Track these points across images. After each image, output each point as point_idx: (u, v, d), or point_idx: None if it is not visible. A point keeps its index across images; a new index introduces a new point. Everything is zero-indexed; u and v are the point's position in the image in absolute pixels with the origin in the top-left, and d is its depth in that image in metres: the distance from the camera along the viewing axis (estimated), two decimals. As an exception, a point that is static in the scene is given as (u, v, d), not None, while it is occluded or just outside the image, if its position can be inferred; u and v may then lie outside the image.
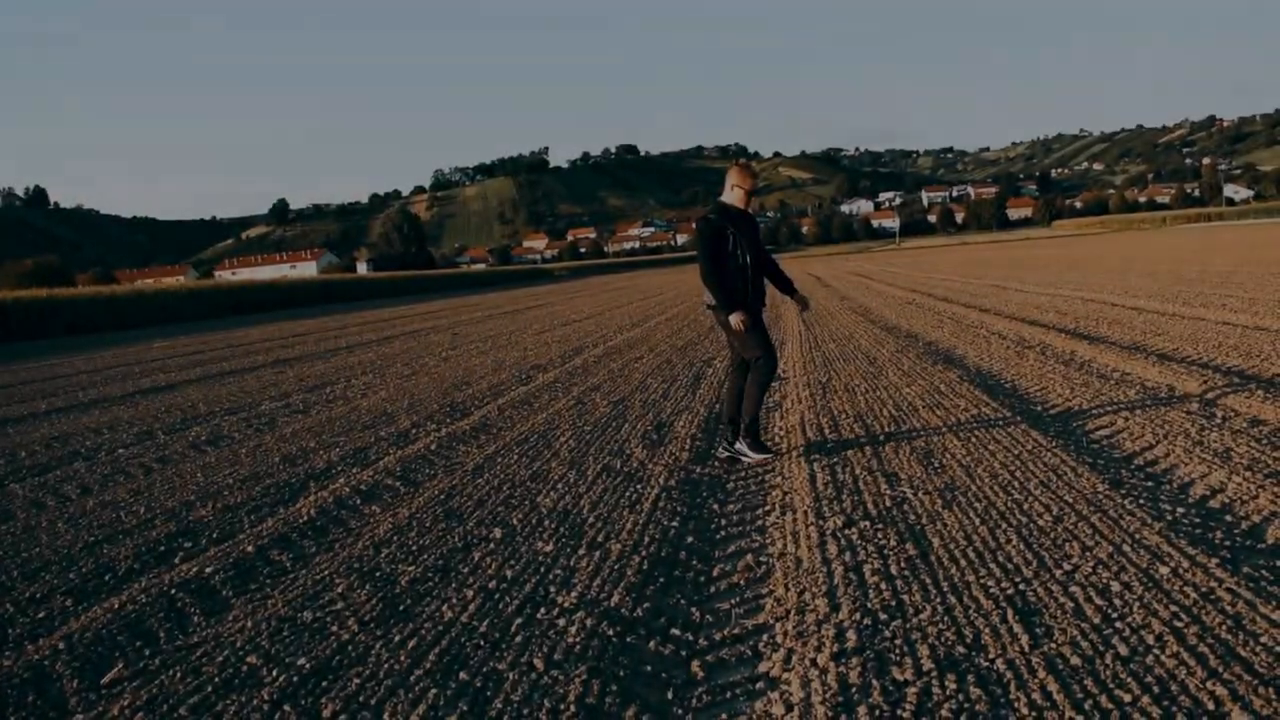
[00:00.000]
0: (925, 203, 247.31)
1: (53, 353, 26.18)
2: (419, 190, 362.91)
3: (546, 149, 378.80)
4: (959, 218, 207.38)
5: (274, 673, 3.54)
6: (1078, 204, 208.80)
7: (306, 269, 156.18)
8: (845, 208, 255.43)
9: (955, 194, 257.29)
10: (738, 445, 6.46)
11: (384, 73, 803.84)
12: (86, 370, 19.14)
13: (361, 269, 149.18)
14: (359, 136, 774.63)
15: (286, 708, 3.26)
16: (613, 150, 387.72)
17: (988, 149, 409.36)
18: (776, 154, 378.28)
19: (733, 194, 6.55)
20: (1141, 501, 4.80)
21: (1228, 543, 4.15)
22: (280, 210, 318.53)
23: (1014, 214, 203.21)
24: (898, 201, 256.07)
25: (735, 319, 6.29)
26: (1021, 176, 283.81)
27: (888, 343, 12.98)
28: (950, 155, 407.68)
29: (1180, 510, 4.62)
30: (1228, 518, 4.51)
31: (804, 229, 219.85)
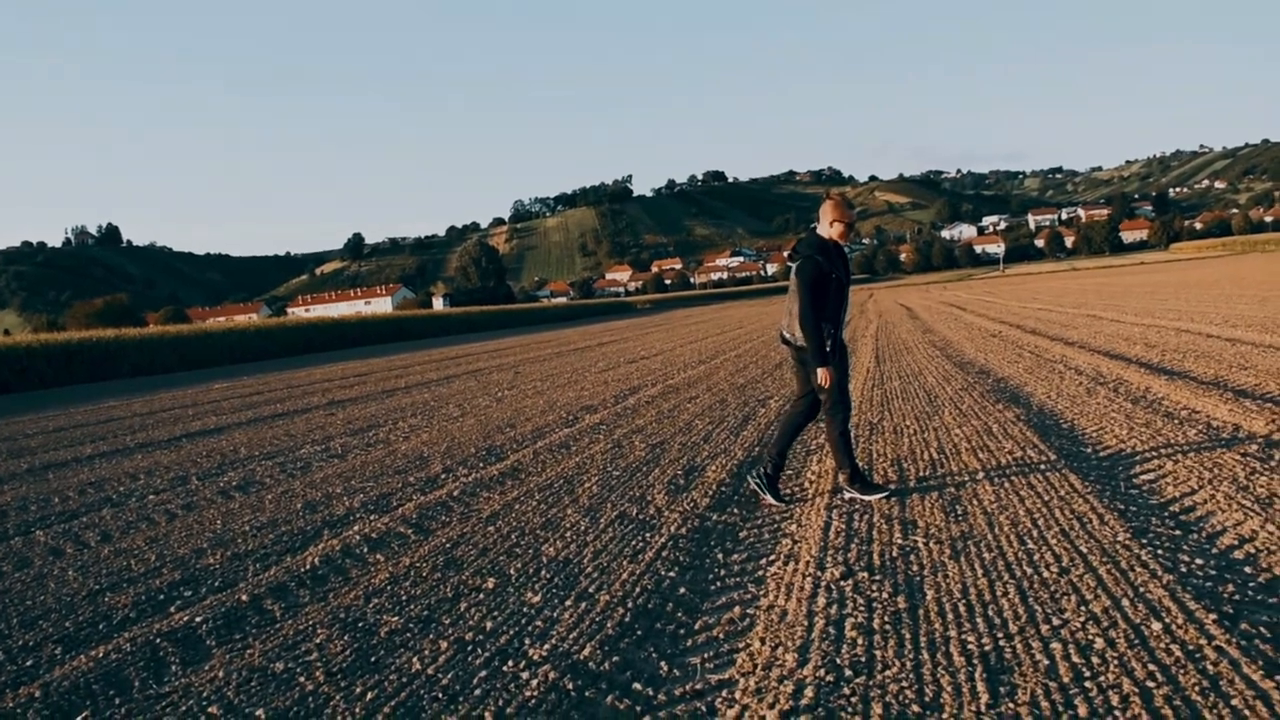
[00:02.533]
0: (1032, 226, 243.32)
1: (114, 394, 27.31)
2: (498, 222, 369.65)
3: (630, 177, 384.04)
4: (1069, 242, 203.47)
5: (231, 722, 3.76)
6: (1197, 225, 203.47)
7: (381, 305, 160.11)
8: (946, 233, 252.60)
9: (1064, 216, 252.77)
10: (845, 491, 6.59)
11: (462, 102, 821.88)
12: (142, 413, 19.94)
13: (438, 304, 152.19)
14: (436, 168, 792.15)
15: (234, 758, 3.47)
16: (699, 177, 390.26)
17: (1099, 168, 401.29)
18: (872, 178, 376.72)
19: (831, 229, 6.54)
20: (1160, 552, 4.77)
21: (1236, 597, 4.12)
22: (355, 245, 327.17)
23: (1128, 237, 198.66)
24: (1002, 226, 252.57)
25: (824, 374, 6.40)
26: (1136, 197, 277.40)
27: (955, 380, 12.91)
28: (1059, 175, 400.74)
29: (1199, 562, 4.59)
30: (1247, 569, 4.47)
31: (902, 256, 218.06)
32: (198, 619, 5.12)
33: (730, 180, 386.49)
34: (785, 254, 6.90)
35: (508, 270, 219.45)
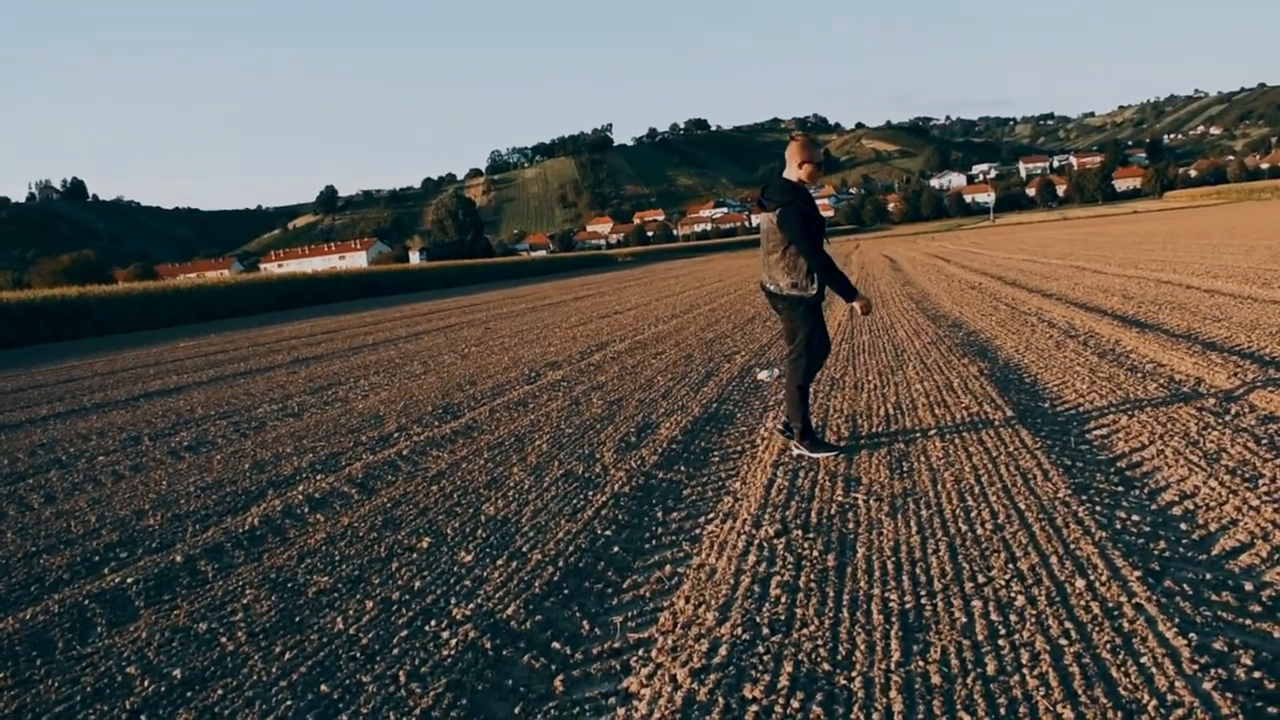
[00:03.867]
0: (1023, 175, 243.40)
1: (78, 354, 27.17)
2: (475, 173, 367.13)
3: (610, 126, 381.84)
4: (1061, 190, 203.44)
5: (146, 683, 3.81)
6: (1192, 173, 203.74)
7: (356, 259, 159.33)
8: (935, 182, 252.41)
9: (1056, 164, 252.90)
10: (794, 449, 6.62)
11: (434, 50, 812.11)
12: (103, 372, 19.87)
13: (415, 258, 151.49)
14: (411, 119, 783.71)
15: (143, 717, 3.52)
16: (681, 126, 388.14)
17: (1092, 114, 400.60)
18: (859, 125, 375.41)
19: (800, 171, 6.40)
20: (1097, 509, 4.85)
21: (1166, 554, 4.19)
22: (328, 198, 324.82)
23: (1121, 185, 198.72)
24: (993, 174, 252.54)
25: (861, 305, 6.45)
26: (1130, 144, 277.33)
27: (926, 333, 12.97)
28: (1051, 122, 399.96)
29: (1135, 519, 4.66)
30: (1182, 525, 4.55)
31: (890, 206, 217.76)
32: (129, 580, 5.16)
33: (714, 129, 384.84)
34: (755, 200, 6.71)
35: (486, 223, 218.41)
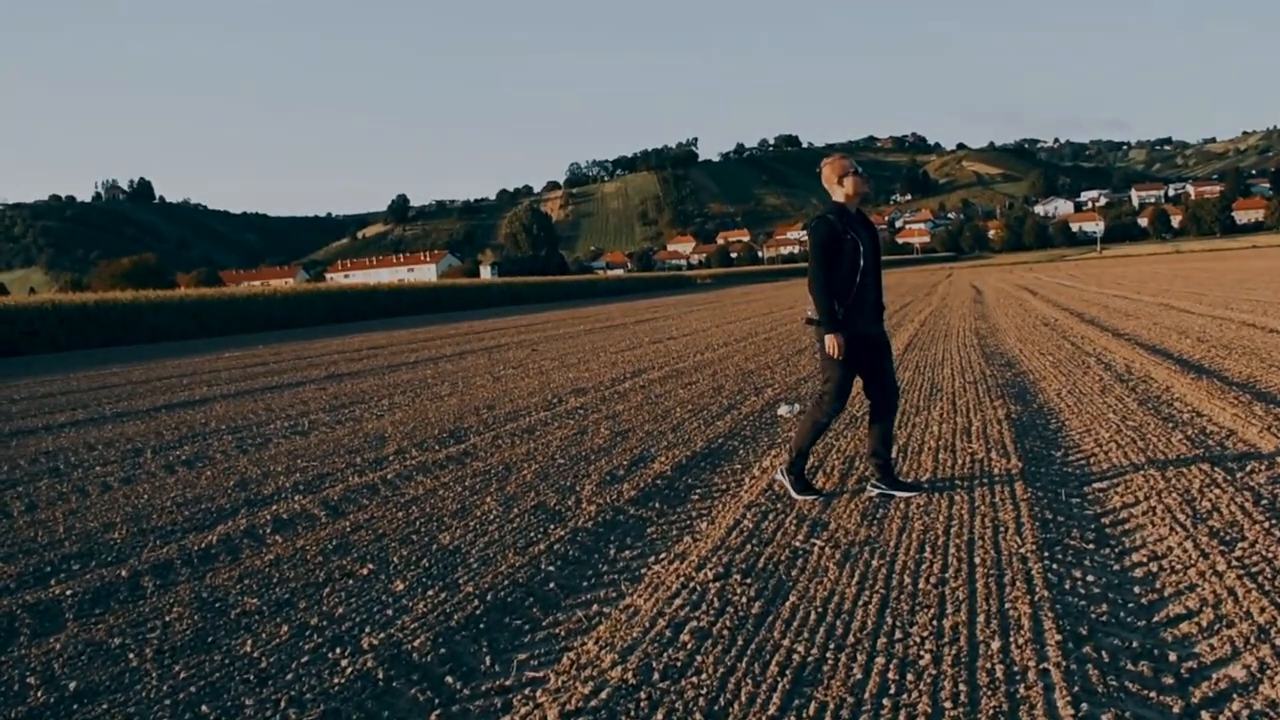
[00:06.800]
0: (1135, 203, 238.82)
1: (122, 360, 28.14)
2: (552, 186, 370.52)
3: (695, 140, 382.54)
4: (1175, 221, 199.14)
5: (39, 694, 4.06)
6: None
7: (425, 272, 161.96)
8: (1040, 209, 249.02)
9: (1172, 193, 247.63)
10: (779, 476, 6.71)
11: (515, 57, 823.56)
12: (139, 381, 20.59)
13: (485, 273, 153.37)
14: (487, 127, 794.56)
15: (23, 731, 3.76)
16: (770, 142, 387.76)
17: (1213, 140, 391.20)
18: (960, 146, 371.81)
19: (844, 187, 6.41)
20: (1055, 566, 4.87)
21: (1104, 618, 4.21)
22: (400, 208, 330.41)
23: (1242, 217, 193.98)
24: (1102, 202, 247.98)
25: (831, 340, 6.31)
26: (1253, 173, 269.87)
27: (972, 371, 12.92)
28: (1168, 148, 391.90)
29: (1090, 578, 4.67)
30: (1136, 589, 4.54)
31: (990, 233, 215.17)
32: (68, 593, 5.43)
33: (804, 145, 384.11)
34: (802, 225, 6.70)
35: (561, 238, 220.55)
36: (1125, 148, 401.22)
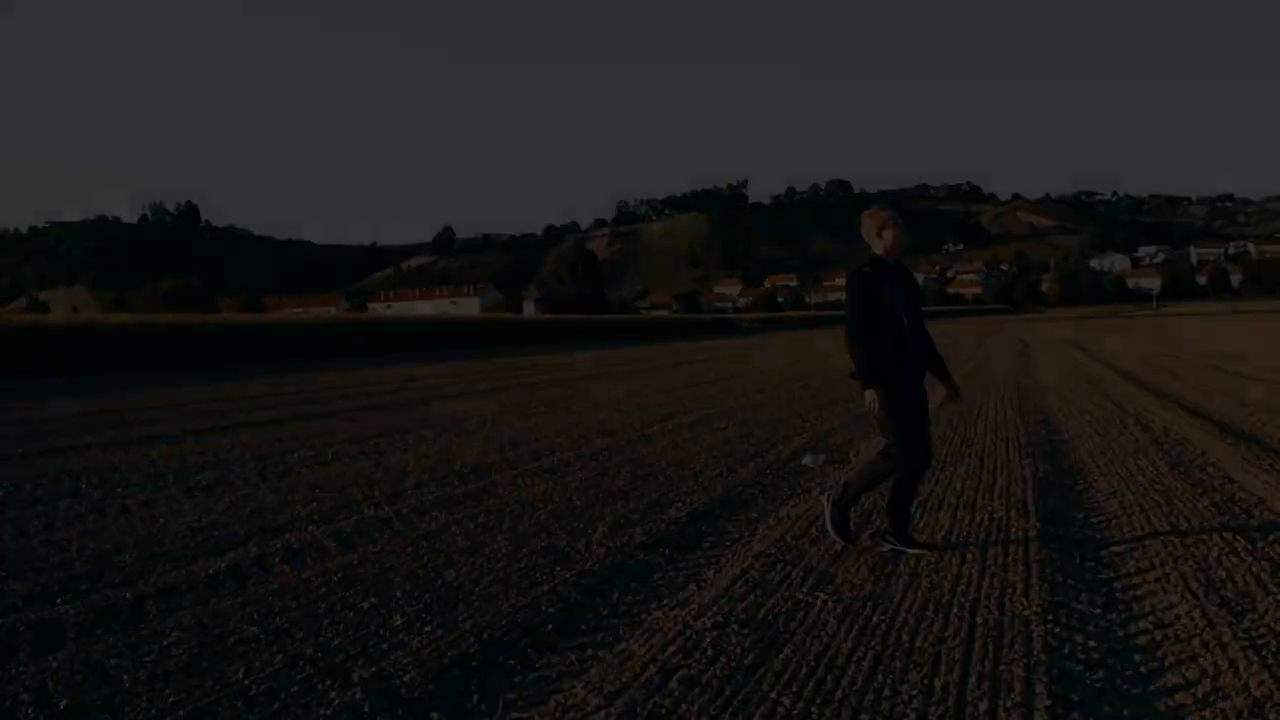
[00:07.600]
0: (1194, 260, 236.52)
1: (155, 383, 28.59)
2: (599, 224, 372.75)
3: (745, 182, 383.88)
4: (1235, 280, 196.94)
5: (30, 710, 4.21)
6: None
7: (468, 305, 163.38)
8: (1095, 263, 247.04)
9: (1232, 251, 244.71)
10: (824, 501, 6.82)
11: (564, 88, 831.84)
12: (171, 404, 20.93)
13: (528, 308, 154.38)
14: (535, 160, 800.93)
15: (9, 747, 3.87)
16: (822, 186, 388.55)
17: (1276, 198, 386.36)
18: (1016, 196, 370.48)
19: (883, 239, 6.44)
20: (1057, 629, 4.88)
21: (1099, 685, 4.22)
22: (445, 240, 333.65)
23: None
24: (1160, 258, 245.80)
25: (870, 395, 6.33)
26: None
27: (1006, 428, 12.87)
28: (1229, 204, 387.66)
29: (1092, 644, 4.68)
30: (1136, 656, 4.54)
31: (1043, 286, 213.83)
32: (72, 613, 5.57)
33: (856, 191, 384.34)
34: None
35: (607, 276, 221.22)
36: (1185, 203, 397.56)
